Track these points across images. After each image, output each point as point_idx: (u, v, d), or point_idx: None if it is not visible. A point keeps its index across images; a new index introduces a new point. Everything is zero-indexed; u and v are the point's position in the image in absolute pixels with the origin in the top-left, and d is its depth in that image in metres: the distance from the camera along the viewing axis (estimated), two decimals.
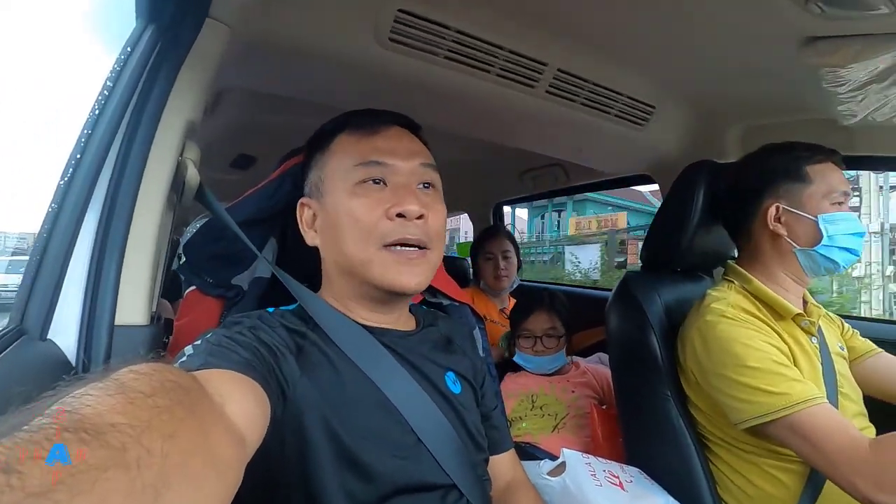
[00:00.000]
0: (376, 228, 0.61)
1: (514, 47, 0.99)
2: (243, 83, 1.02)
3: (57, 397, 0.26)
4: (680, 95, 1.25)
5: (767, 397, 0.79)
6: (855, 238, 0.89)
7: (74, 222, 0.56)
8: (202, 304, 0.77)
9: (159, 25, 0.65)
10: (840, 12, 0.77)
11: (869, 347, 1.04)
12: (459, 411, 0.66)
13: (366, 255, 0.61)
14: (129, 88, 0.61)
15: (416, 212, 0.61)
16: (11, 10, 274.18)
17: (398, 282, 0.61)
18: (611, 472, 0.91)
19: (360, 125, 0.67)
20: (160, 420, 0.27)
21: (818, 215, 0.89)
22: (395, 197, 0.62)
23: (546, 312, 1.46)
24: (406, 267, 0.61)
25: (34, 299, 0.54)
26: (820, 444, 0.75)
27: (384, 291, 0.63)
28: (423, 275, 0.63)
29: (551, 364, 1.43)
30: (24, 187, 40.64)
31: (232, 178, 2.09)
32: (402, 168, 0.64)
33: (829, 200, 0.90)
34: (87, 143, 0.59)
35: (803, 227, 0.91)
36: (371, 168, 0.63)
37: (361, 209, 0.61)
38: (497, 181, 2.34)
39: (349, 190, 0.63)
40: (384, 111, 0.70)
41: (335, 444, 0.54)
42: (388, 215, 0.61)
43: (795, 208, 0.92)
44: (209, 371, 0.43)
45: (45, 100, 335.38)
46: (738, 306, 0.90)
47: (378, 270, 0.61)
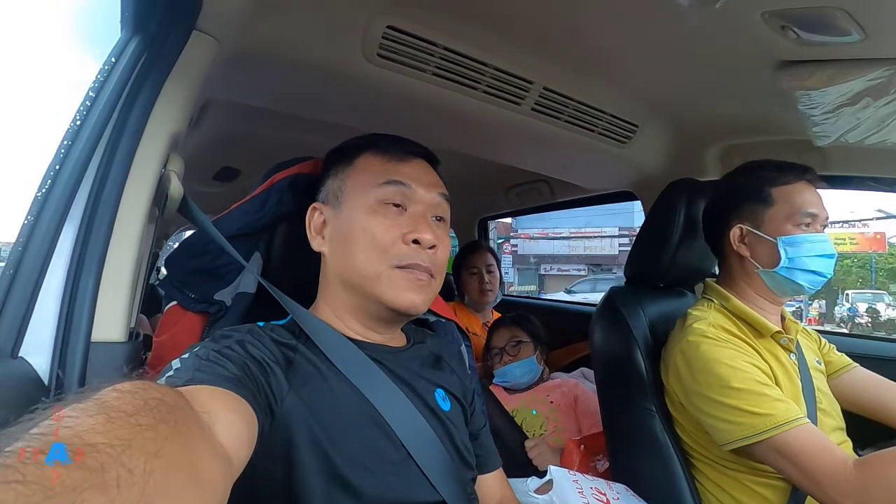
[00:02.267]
0: (391, 248, 0.62)
1: (501, 65, 1.00)
2: (229, 95, 1.01)
3: (36, 420, 0.25)
4: (662, 115, 1.28)
5: (751, 418, 0.79)
6: (820, 260, 0.90)
7: (51, 235, 0.54)
8: (183, 320, 0.76)
9: (145, 36, 0.64)
10: (814, 38, 0.80)
11: (845, 362, 1.06)
12: (448, 428, 0.65)
13: (376, 271, 0.62)
14: (112, 99, 0.60)
15: (430, 241, 0.63)
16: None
17: (405, 299, 0.62)
18: (598, 489, 0.90)
19: (388, 149, 0.69)
20: (143, 438, 0.26)
21: (778, 237, 0.91)
22: (413, 223, 0.64)
23: (505, 327, 1.59)
24: (415, 287, 0.63)
25: (6, 315, 0.52)
26: (804, 465, 0.75)
27: (387, 309, 0.63)
28: (427, 300, 0.64)
29: (523, 372, 1.47)
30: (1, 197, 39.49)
31: (215, 191, 2.07)
32: (423, 196, 0.67)
33: (792, 223, 0.91)
34: (67, 154, 0.57)
35: (764, 249, 0.93)
36: (395, 188, 0.65)
37: (379, 228, 0.63)
38: (482, 196, 2.36)
39: (370, 206, 0.64)
40: (410, 141, 0.72)
41: (323, 460, 0.53)
42: (404, 240, 0.63)
43: (757, 229, 0.93)
44: (197, 387, 0.42)
45: (26, 108, 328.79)
46: (718, 326, 0.91)
47: (386, 287, 0.62)
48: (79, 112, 0.60)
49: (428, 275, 0.64)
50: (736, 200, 0.97)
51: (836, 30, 0.77)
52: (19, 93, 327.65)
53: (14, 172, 38.06)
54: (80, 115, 0.59)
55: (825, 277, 0.91)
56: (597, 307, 1.16)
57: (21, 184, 30.65)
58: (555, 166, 1.56)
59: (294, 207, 0.75)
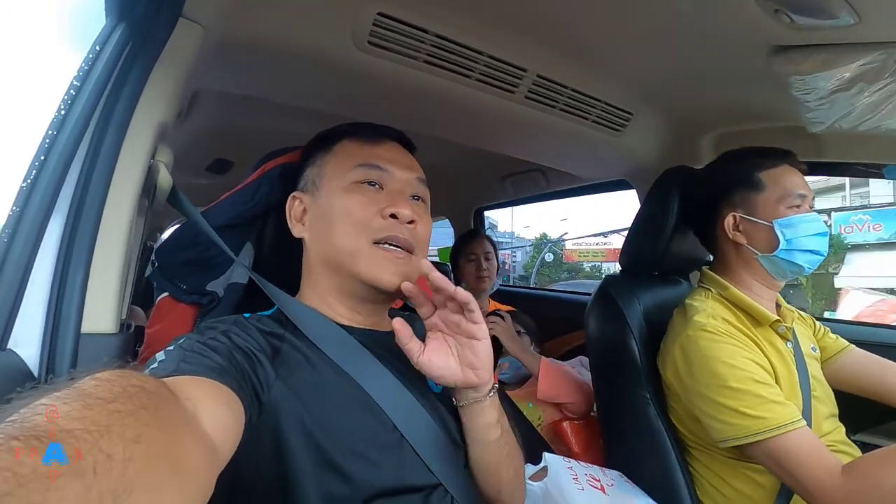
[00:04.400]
0: (369, 224, 0.63)
1: (494, 53, 0.99)
2: (219, 85, 1.00)
3: (10, 409, 0.24)
4: (656, 102, 1.27)
5: (746, 420, 0.80)
6: (816, 239, 0.90)
7: (38, 226, 0.53)
8: (175, 312, 0.75)
9: (130, 23, 0.63)
10: (808, 22, 0.80)
11: (842, 345, 1.06)
12: (441, 410, 0.65)
13: (355, 247, 0.62)
14: (97, 88, 0.59)
15: (408, 215, 0.63)
16: None
17: (382, 277, 0.62)
18: (592, 475, 0.91)
19: (364, 134, 0.71)
20: (122, 424, 0.26)
21: (773, 220, 0.91)
22: (390, 199, 0.64)
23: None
24: (392, 265, 0.62)
25: None
26: (794, 470, 0.77)
27: (367, 287, 0.63)
28: (405, 275, 0.63)
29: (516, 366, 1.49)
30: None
31: (208, 183, 2.04)
32: (399, 176, 0.68)
33: (785, 205, 0.91)
34: (52, 144, 0.56)
35: (761, 234, 0.93)
36: (370, 170, 0.66)
37: (356, 205, 0.64)
38: (477, 186, 2.34)
39: (346, 187, 0.65)
40: (387, 126, 0.73)
41: (313, 447, 0.53)
42: (381, 214, 0.63)
43: (751, 215, 0.93)
44: (181, 378, 0.42)
45: (8, 98, 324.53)
46: (717, 317, 0.91)
47: (364, 264, 0.62)
48: (63, 102, 0.59)
49: (406, 251, 0.64)
50: (725, 189, 0.97)
51: (830, 13, 0.76)
52: (4, 85, 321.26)
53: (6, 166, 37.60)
54: (64, 104, 0.58)
55: (822, 256, 0.92)
56: (592, 296, 1.16)
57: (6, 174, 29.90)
58: (549, 155, 1.55)
59: (284, 197, 0.74)
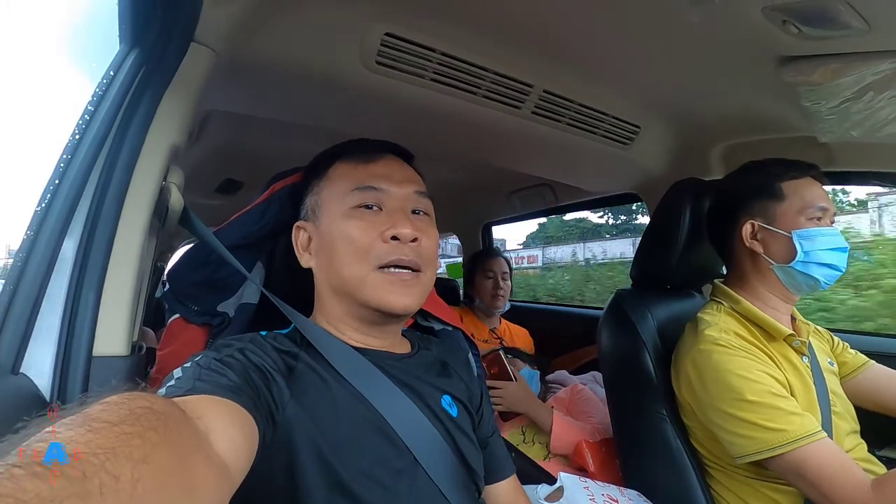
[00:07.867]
0: (372, 250, 0.61)
1: (500, 69, 1.00)
2: (229, 107, 1.02)
3: (18, 439, 0.24)
4: (664, 115, 1.27)
5: (765, 433, 0.78)
6: (835, 253, 0.88)
7: (51, 249, 0.54)
8: (186, 333, 0.75)
9: (143, 49, 0.64)
10: (816, 32, 0.80)
11: (861, 361, 1.03)
12: (456, 435, 0.64)
13: (360, 275, 0.61)
14: (111, 112, 0.60)
15: (410, 235, 0.62)
16: None
17: (390, 302, 0.61)
18: (609, 495, 0.89)
19: (357, 153, 0.69)
20: (129, 446, 0.25)
21: (792, 231, 0.89)
22: (390, 220, 0.63)
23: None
24: (399, 288, 0.61)
25: (6, 330, 0.51)
26: (819, 483, 0.74)
27: (377, 312, 0.63)
28: (415, 296, 0.63)
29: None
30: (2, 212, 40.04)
31: (218, 204, 2.07)
32: (396, 193, 0.66)
33: (805, 216, 0.89)
34: (66, 168, 0.57)
35: (778, 244, 0.91)
36: (367, 193, 0.65)
37: (357, 231, 0.62)
38: (485, 202, 2.35)
39: (345, 213, 0.64)
40: (379, 140, 0.72)
41: (325, 469, 0.52)
42: (382, 238, 0.62)
43: (770, 225, 0.92)
44: (195, 397, 0.42)
45: (24, 123, 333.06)
46: (730, 331, 0.89)
47: (371, 290, 0.61)
48: (78, 126, 0.60)
49: (412, 271, 0.63)
50: (745, 197, 0.96)
51: (839, 23, 0.76)
52: (18, 108, 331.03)
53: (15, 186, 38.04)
54: (79, 128, 0.60)
55: (840, 271, 0.89)
56: (604, 310, 1.15)
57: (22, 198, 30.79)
58: (557, 169, 1.55)
59: (294, 216, 0.74)
